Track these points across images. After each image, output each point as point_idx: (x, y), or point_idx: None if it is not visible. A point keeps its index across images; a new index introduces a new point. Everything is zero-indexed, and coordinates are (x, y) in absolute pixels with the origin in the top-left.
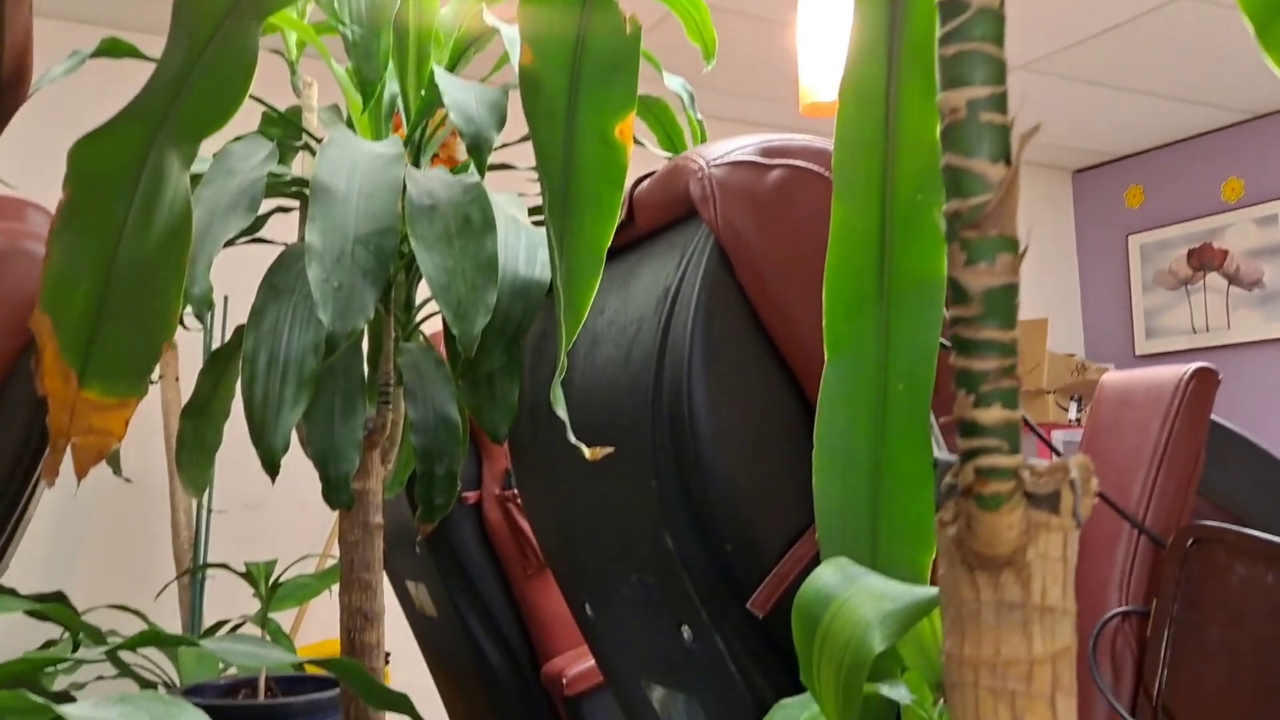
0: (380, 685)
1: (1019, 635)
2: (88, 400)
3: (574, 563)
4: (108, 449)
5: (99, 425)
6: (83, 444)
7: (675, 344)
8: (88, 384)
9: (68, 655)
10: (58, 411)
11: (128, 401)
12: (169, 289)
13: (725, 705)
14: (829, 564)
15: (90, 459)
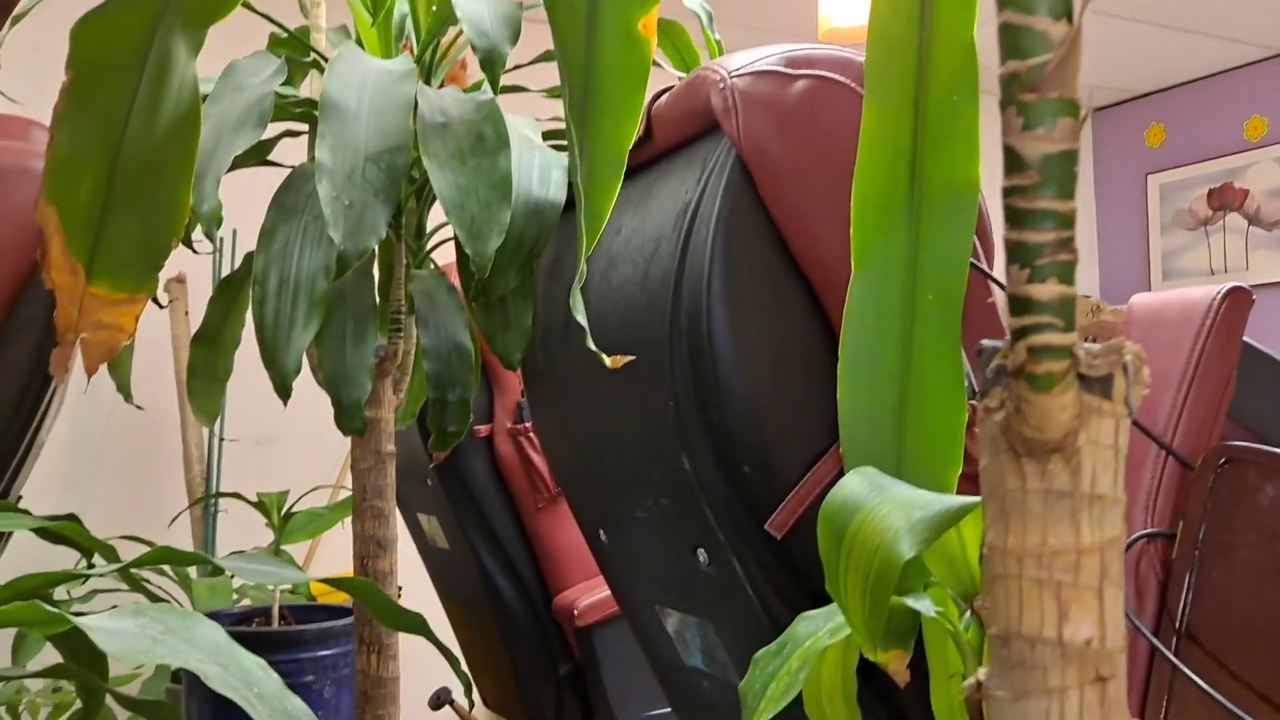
0: (395, 605)
1: (1066, 524)
2: (96, 295)
3: (588, 489)
4: (118, 345)
5: (109, 321)
6: (92, 340)
7: (694, 262)
8: (96, 279)
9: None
10: (65, 306)
11: (137, 298)
12: (177, 181)
13: (741, 628)
14: (855, 473)
15: (100, 355)
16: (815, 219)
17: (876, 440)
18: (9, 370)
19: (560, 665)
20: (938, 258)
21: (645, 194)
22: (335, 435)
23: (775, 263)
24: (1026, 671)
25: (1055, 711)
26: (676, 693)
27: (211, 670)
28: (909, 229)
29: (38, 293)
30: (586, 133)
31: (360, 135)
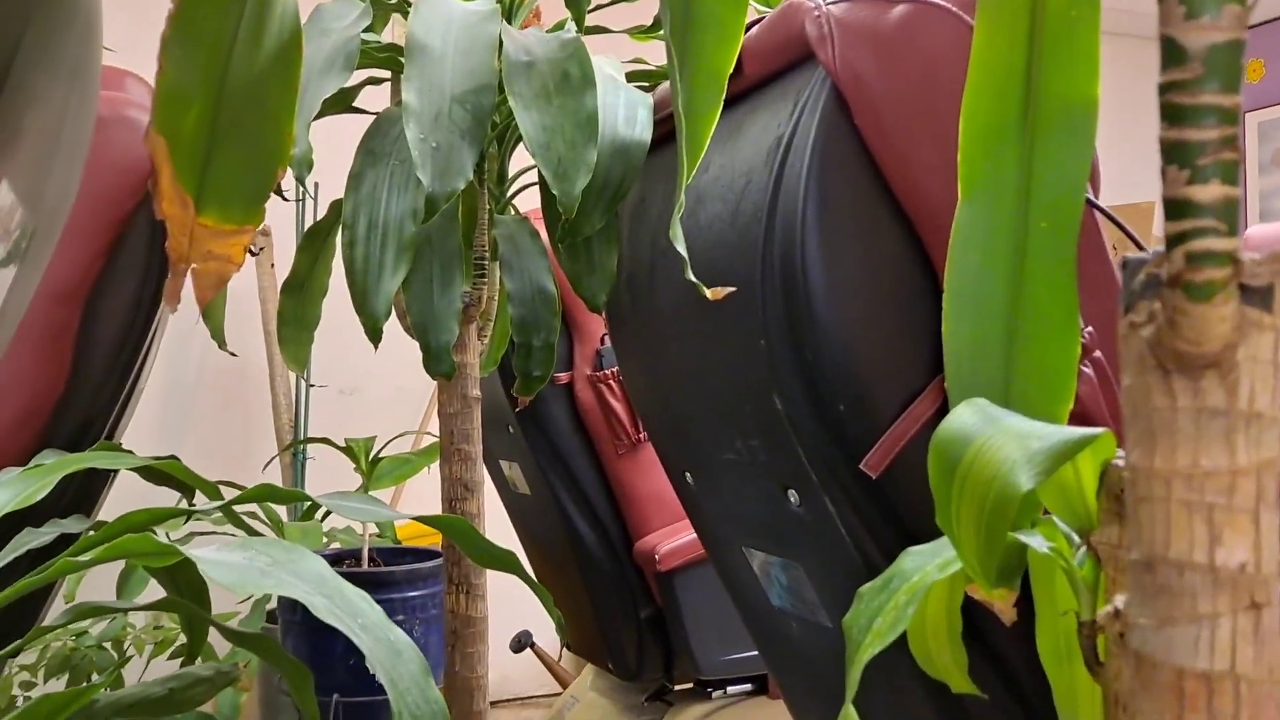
0: (487, 542)
1: (1220, 444)
2: (205, 226)
3: (675, 432)
4: (227, 275)
5: (218, 251)
6: (202, 270)
7: (788, 196)
8: (204, 209)
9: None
10: (176, 236)
11: (244, 228)
12: (281, 110)
13: (832, 570)
14: (967, 404)
15: (211, 285)
16: (915, 150)
17: (983, 374)
18: (110, 316)
19: (641, 609)
20: (1052, 183)
21: (735, 130)
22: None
23: (872, 196)
24: (1173, 598)
25: (1205, 639)
26: (763, 634)
27: (318, 601)
28: (1021, 153)
29: (136, 240)
30: (687, 56)
31: (446, 76)
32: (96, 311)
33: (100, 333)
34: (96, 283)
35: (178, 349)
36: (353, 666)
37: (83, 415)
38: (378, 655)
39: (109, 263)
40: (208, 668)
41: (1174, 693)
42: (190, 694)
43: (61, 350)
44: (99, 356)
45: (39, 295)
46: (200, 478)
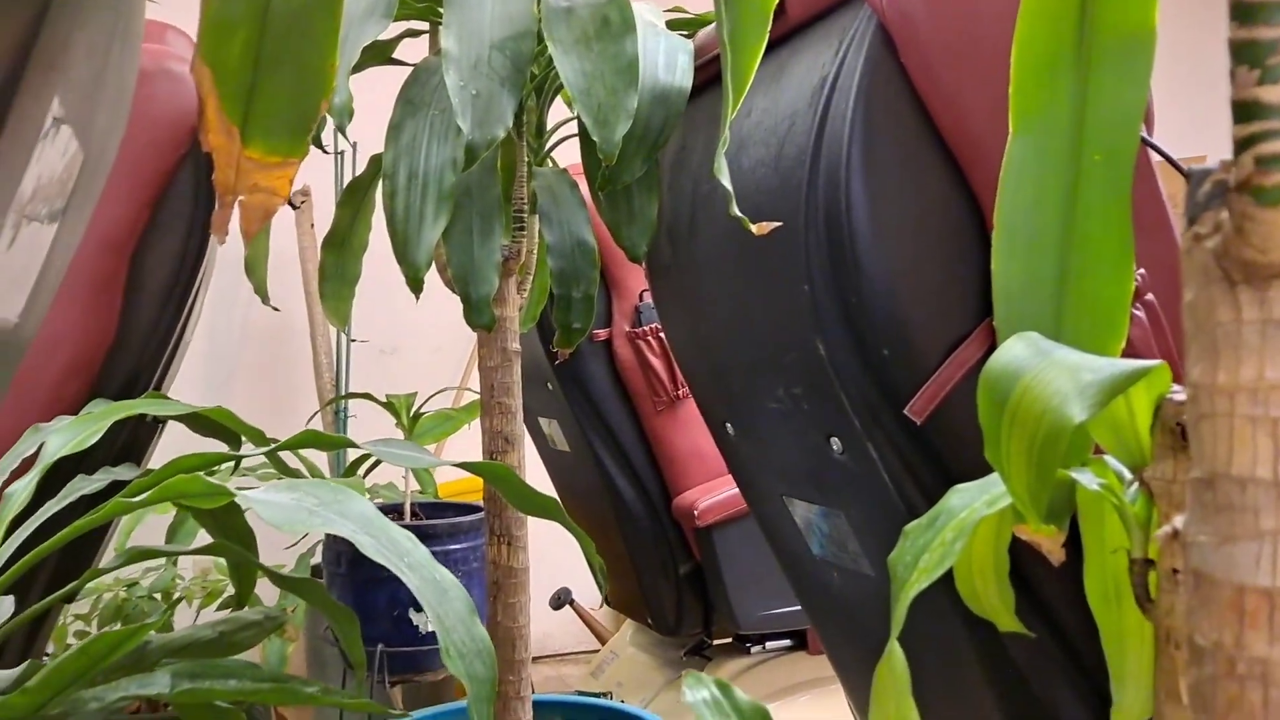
0: (530, 489)
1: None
2: (251, 159)
3: (715, 382)
4: (274, 208)
5: (264, 184)
6: (249, 202)
7: (832, 137)
8: (250, 141)
9: (232, 455)
10: (223, 168)
11: (290, 161)
12: (325, 39)
13: (874, 518)
14: (1018, 338)
15: (257, 218)
16: (963, 88)
17: (1033, 310)
18: (156, 268)
19: (680, 565)
20: (1107, 113)
21: (778, 72)
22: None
23: (918, 136)
24: (1235, 514)
25: (1267, 555)
26: (803, 585)
27: (365, 540)
28: (1075, 84)
29: (180, 193)
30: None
31: (485, 22)
32: (143, 263)
33: (147, 284)
34: (143, 235)
35: (221, 310)
36: (396, 617)
37: (131, 366)
38: (425, 594)
39: (154, 215)
40: (256, 612)
41: (1234, 610)
42: (239, 637)
43: (110, 301)
44: (146, 307)
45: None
46: (247, 425)
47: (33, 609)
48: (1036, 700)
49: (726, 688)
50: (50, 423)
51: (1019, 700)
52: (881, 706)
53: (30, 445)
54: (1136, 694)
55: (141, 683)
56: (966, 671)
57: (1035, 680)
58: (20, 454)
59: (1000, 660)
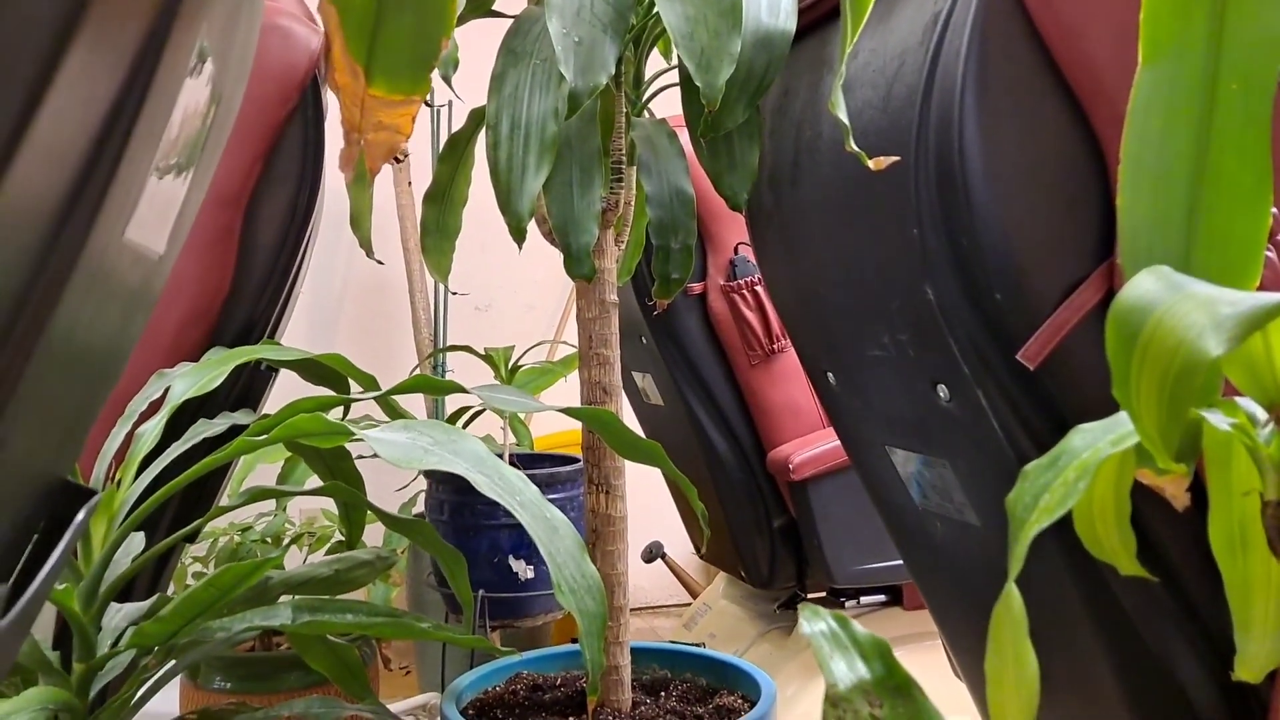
0: (633, 435)
1: None
2: (375, 97)
3: (817, 331)
4: (397, 145)
5: (387, 122)
6: (374, 139)
7: (945, 75)
8: (374, 80)
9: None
10: (348, 106)
11: (412, 99)
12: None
13: (982, 467)
14: (1149, 272)
15: (382, 154)
16: (1085, 21)
17: (1161, 248)
18: (269, 221)
19: (774, 518)
20: (1246, 40)
21: (885, 12)
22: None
23: (1036, 72)
24: None
25: None
26: (905, 537)
27: (478, 477)
28: (1212, 9)
29: (291, 146)
30: None
31: None
32: (256, 216)
33: (260, 236)
34: (255, 188)
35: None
36: (496, 564)
37: (246, 316)
38: (536, 530)
39: (266, 169)
40: (368, 552)
41: None
42: (353, 575)
43: (226, 253)
44: (260, 259)
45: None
46: (358, 370)
47: (161, 544)
48: (1148, 652)
49: (845, 621)
50: (174, 369)
51: (1130, 651)
52: (999, 648)
53: (157, 389)
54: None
55: (265, 615)
56: (1075, 623)
57: (1148, 631)
58: (148, 397)
59: (1111, 611)
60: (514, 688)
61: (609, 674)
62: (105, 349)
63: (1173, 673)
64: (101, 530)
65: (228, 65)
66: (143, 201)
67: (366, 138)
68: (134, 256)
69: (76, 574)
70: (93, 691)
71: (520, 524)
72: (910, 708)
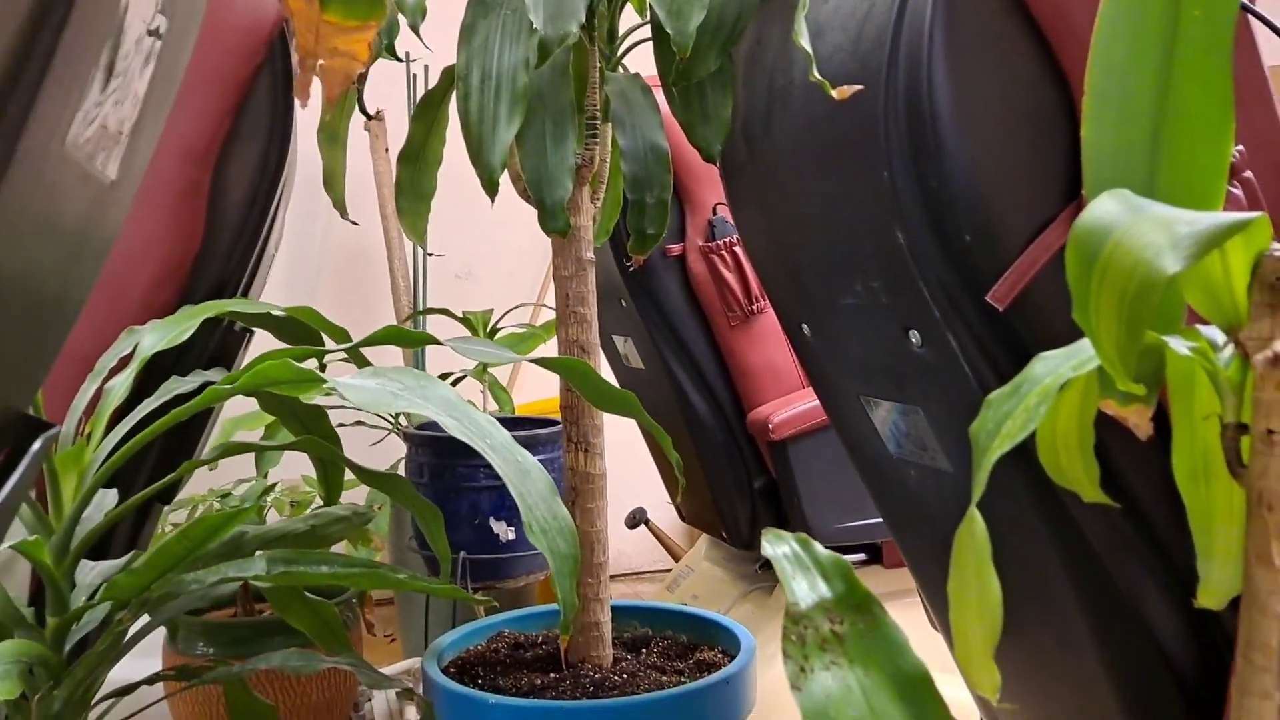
0: (607, 385)
1: None
2: (330, 23)
3: (791, 281)
4: (353, 72)
5: (343, 48)
6: (330, 65)
7: (913, 18)
8: (329, 5)
9: (317, 349)
10: (303, 32)
11: (368, 24)
12: None
13: (953, 412)
14: (1109, 195)
15: (338, 82)
16: None
17: (1125, 178)
18: (239, 178)
19: (755, 479)
20: None
21: None
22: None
23: (1005, 12)
24: None
25: None
26: (880, 487)
27: (448, 420)
28: None
29: (259, 102)
30: None
31: None
32: (225, 173)
33: (230, 192)
34: (224, 144)
35: (299, 235)
36: (477, 525)
37: (217, 274)
38: (508, 473)
39: (235, 124)
40: (345, 508)
41: None
42: (330, 531)
43: (195, 210)
44: (230, 215)
45: (171, 155)
46: (331, 324)
47: (135, 498)
48: (1116, 588)
49: (807, 542)
50: (143, 325)
51: (1097, 588)
52: (961, 572)
53: (126, 345)
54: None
55: (239, 567)
56: (1043, 562)
57: (1114, 566)
58: (117, 353)
59: (1078, 548)
60: (495, 646)
61: (589, 630)
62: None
63: (1139, 607)
64: (72, 485)
65: None
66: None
67: (322, 64)
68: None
69: (48, 528)
70: (68, 645)
71: (501, 485)
72: (869, 622)
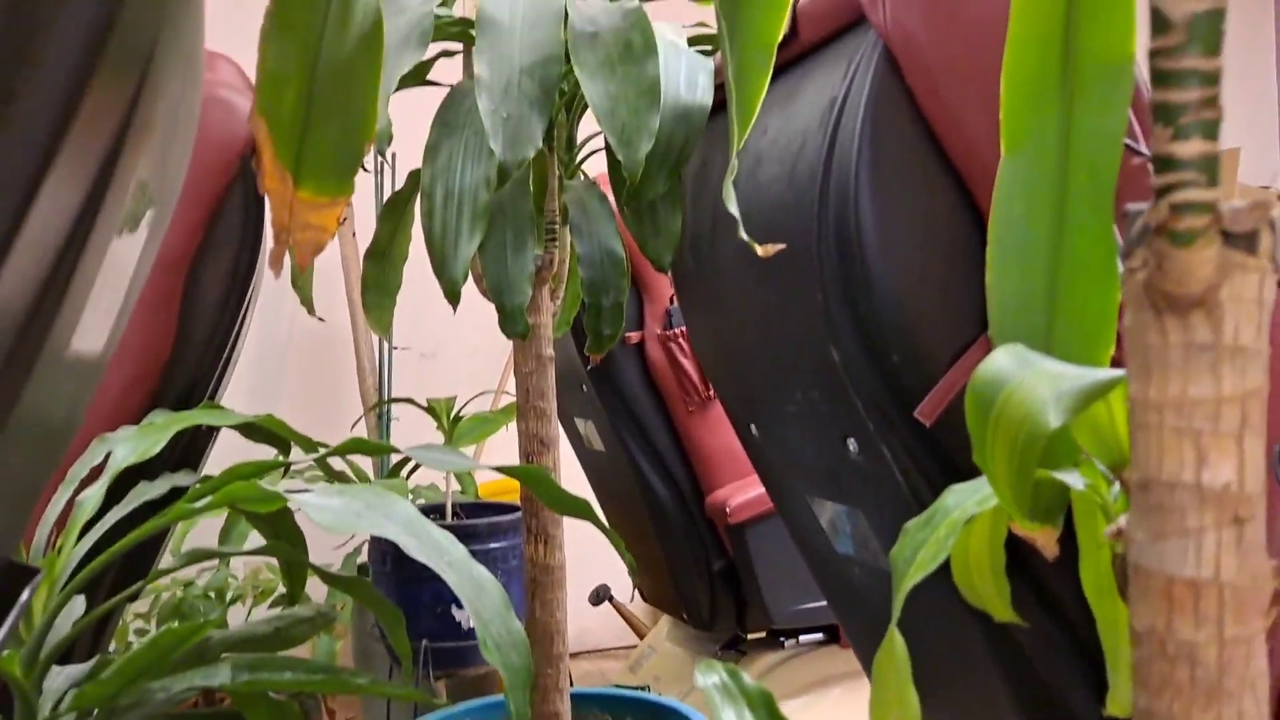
0: (562, 491)
1: (1207, 376)
2: (302, 199)
3: (739, 385)
4: (323, 244)
5: (314, 222)
6: (301, 239)
7: (842, 155)
8: (302, 183)
9: (284, 461)
10: (278, 209)
11: (338, 200)
12: (367, 89)
13: (890, 515)
14: (1003, 349)
15: (309, 253)
16: (965, 107)
17: (1026, 322)
18: (211, 284)
19: (714, 561)
20: (1091, 137)
21: (791, 93)
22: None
23: (924, 153)
24: (1165, 514)
25: (1193, 550)
26: (828, 580)
27: (408, 541)
28: (1061, 109)
29: (232, 212)
30: (736, 27)
31: (515, 49)
32: (198, 280)
33: (202, 299)
34: (197, 253)
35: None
36: (439, 614)
37: (188, 377)
38: (463, 590)
39: (208, 234)
40: (308, 609)
41: (1165, 598)
42: (293, 633)
43: (168, 317)
44: (202, 322)
45: None
46: (296, 433)
47: (102, 608)
48: (1043, 683)
49: (735, 673)
50: (115, 433)
51: (1026, 682)
52: (881, 691)
53: (98, 454)
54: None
55: (205, 675)
56: (977, 656)
57: (1041, 664)
58: (89, 463)
59: (1006, 645)
60: None
61: None
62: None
63: (1065, 700)
64: (43, 597)
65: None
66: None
67: (294, 237)
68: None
69: (18, 640)
70: None
71: None
72: None
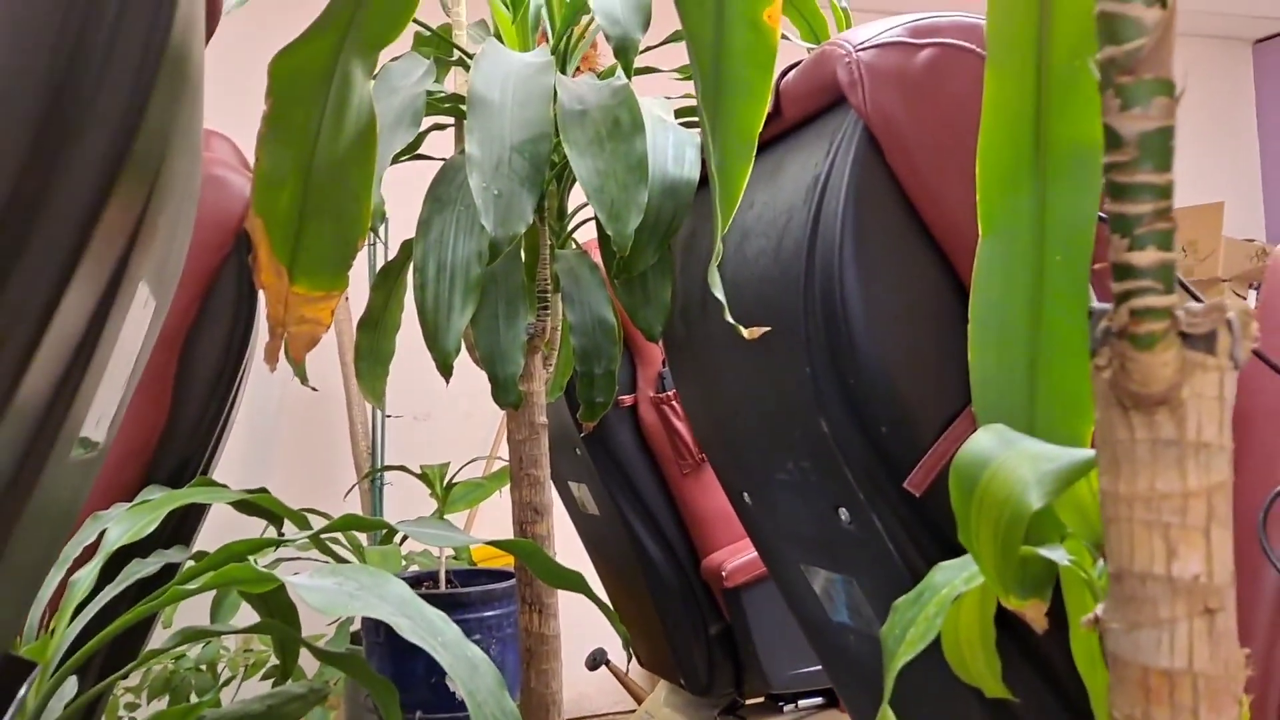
0: (555, 564)
1: (1174, 471)
2: (298, 294)
3: (731, 453)
4: (318, 337)
5: (309, 316)
6: (296, 332)
7: (826, 232)
8: (296, 279)
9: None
10: (274, 304)
11: (331, 294)
12: (360, 189)
13: (883, 584)
14: (986, 430)
15: (304, 346)
16: (944, 185)
17: (1008, 398)
18: (204, 359)
19: (710, 625)
20: (1064, 220)
21: (776, 168)
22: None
23: (906, 230)
24: (1139, 605)
25: (1165, 641)
26: (823, 648)
27: (401, 621)
28: (1034, 192)
29: (225, 288)
30: (718, 118)
31: (505, 127)
32: (192, 355)
33: (197, 373)
34: (192, 328)
35: (261, 384)
36: (433, 685)
37: (182, 451)
38: (456, 670)
39: (202, 309)
40: (301, 686)
41: (1141, 688)
42: (286, 710)
43: (162, 392)
44: (195, 396)
45: None
46: (289, 508)
47: (94, 689)
48: None
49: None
50: (109, 510)
51: None
52: None
53: (91, 533)
54: None
55: None
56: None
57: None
58: (82, 542)
59: (1002, 716)
60: None
61: None
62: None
63: None
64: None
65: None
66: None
67: (290, 330)
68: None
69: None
70: None
71: None
72: None
